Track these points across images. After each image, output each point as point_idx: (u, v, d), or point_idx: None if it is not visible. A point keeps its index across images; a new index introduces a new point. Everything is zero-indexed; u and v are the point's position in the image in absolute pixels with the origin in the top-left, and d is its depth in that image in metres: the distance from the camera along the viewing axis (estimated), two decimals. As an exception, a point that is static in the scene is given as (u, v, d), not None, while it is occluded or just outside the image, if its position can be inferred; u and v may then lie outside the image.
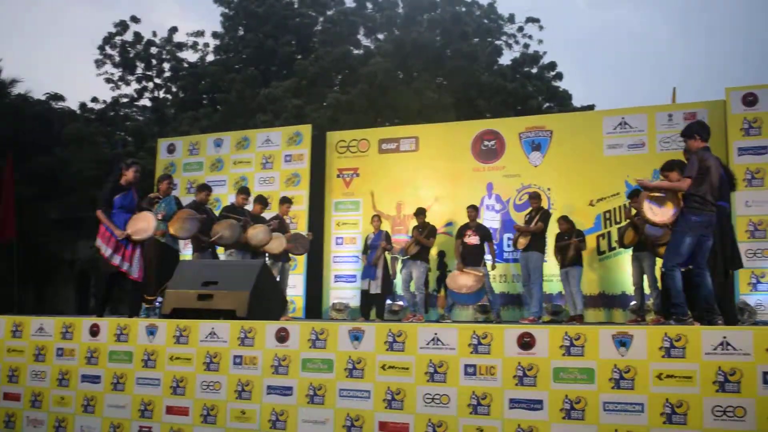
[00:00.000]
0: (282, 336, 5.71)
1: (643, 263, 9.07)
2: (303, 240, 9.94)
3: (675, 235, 6.21)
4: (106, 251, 7.75)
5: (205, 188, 9.41)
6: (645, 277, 9.10)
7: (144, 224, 7.76)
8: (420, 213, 10.37)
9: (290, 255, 9.97)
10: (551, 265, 9.99)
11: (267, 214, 10.01)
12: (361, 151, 12.02)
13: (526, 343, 4.99)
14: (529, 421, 4.88)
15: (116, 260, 7.66)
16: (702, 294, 6.19)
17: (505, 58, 23.69)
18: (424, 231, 10.21)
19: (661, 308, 8.26)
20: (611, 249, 10.30)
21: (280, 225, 9.83)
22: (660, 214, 6.23)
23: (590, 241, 10.17)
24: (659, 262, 8.95)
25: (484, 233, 10.00)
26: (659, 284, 8.89)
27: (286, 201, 10.19)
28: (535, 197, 9.90)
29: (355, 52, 21.95)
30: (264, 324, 5.84)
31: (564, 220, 9.83)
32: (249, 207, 9.75)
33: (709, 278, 6.25)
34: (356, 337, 5.47)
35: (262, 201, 9.99)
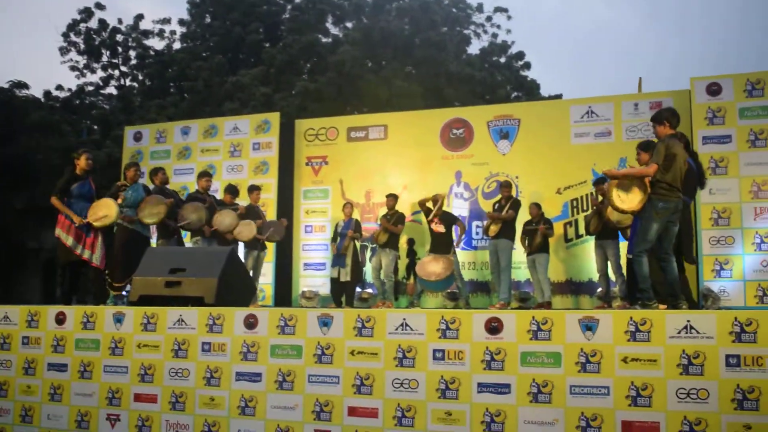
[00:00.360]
0: (251, 322, 5.70)
1: (607, 250, 9.21)
2: (279, 227, 9.93)
3: (642, 222, 6.29)
4: (68, 240, 7.70)
5: (158, 170, 9.22)
6: (609, 263, 9.24)
7: (105, 210, 7.73)
8: (391, 197, 10.42)
9: (265, 243, 9.95)
10: (518, 252, 10.07)
11: (239, 203, 9.95)
12: (330, 140, 12.00)
13: (493, 327, 5.03)
14: (497, 405, 4.93)
15: (78, 249, 7.62)
16: (667, 279, 6.30)
17: (474, 48, 23.78)
18: (393, 218, 10.25)
19: (627, 294, 8.39)
20: (578, 236, 10.42)
21: (254, 213, 9.81)
22: (628, 201, 6.30)
23: (557, 228, 10.27)
24: (623, 248, 9.14)
25: (450, 220, 10.06)
26: (624, 270, 9.07)
27: (255, 189, 10.16)
28: (506, 186, 9.97)
29: (324, 40, 21.86)
30: (233, 311, 5.82)
31: (535, 206, 9.92)
32: (217, 195, 9.69)
33: (675, 264, 6.36)
34: (325, 323, 5.47)
35: (232, 191, 9.94)
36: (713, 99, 9.63)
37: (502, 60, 23.77)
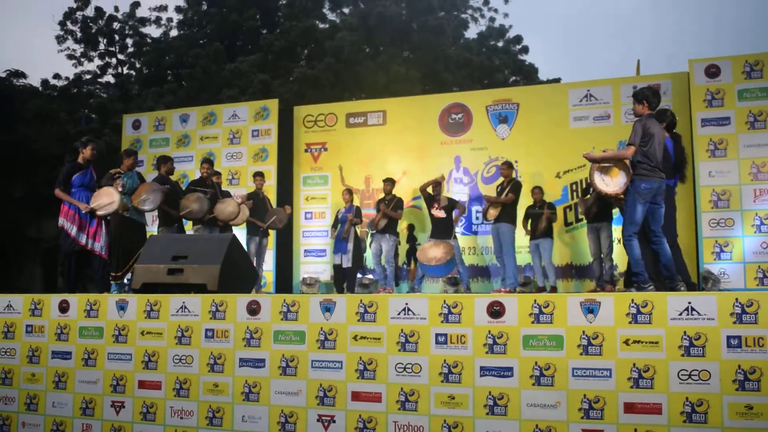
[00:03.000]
0: (253, 309, 5.72)
1: (601, 233, 9.24)
2: (282, 214, 9.98)
3: (627, 204, 6.32)
4: (72, 229, 7.72)
5: (168, 159, 9.21)
6: (602, 247, 9.28)
7: (107, 199, 7.72)
8: (388, 182, 10.42)
9: (268, 231, 9.98)
10: (519, 236, 10.08)
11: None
12: (329, 126, 11.99)
13: (495, 311, 5.06)
14: (500, 388, 4.96)
15: (82, 239, 7.63)
16: (662, 261, 6.32)
17: (471, 32, 23.68)
18: (391, 203, 10.26)
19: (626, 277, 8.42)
20: (578, 220, 10.42)
21: (258, 199, 9.87)
22: (612, 184, 6.31)
23: (558, 212, 10.28)
24: (615, 232, 9.19)
25: (451, 205, 10.06)
26: (613, 255, 9.14)
27: (258, 175, 10.19)
28: (506, 166, 9.92)
29: (321, 26, 21.75)
30: (235, 297, 5.84)
31: (538, 190, 9.92)
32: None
33: (667, 246, 6.37)
34: (327, 308, 5.50)
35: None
36: (712, 81, 9.62)
37: (500, 44, 23.70)
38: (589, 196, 9.29)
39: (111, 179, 8.23)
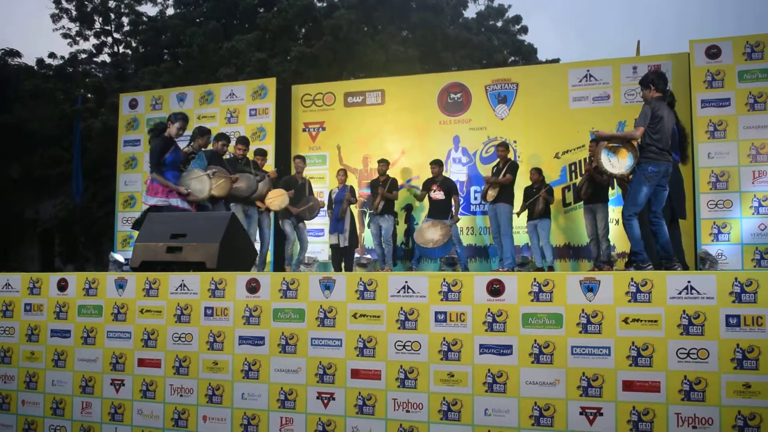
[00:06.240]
0: (253, 287, 5.72)
1: (597, 214, 9.28)
2: (315, 207, 10.21)
3: (632, 185, 6.33)
4: (185, 206, 7.51)
5: (223, 137, 8.98)
6: (598, 227, 9.32)
7: (198, 185, 7.59)
8: (383, 163, 10.42)
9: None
10: (517, 217, 10.09)
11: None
12: (327, 105, 11.96)
13: (495, 289, 5.06)
14: (499, 366, 4.97)
15: None
16: (659, 242, 6.34)
17: (470, 11, 23.58)
18: (387, 184, 10.28)
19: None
20: (577, 201, 10.43)
21: (300, 186, 10.22)
22: (618, 165, 6.32)
23: (556, 193, 10.33)
24: (611, 213, 9.23)
25: (450, 187, 10.07)
26: (609, 235, 9.19)
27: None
28: (502, 146, 9.96)
29: (319, 4, 21.61)
30: (234, 275, 5.84)
31: (536, 171, 9.94)
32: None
33: (665, 227, 6.39)
34: (327, 286, 5.50)
35: (260, 151, 10.03)
36: (712, 62, 9.59)
37: (499, 24, 23.60)
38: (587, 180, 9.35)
39: (186, 159, 7.97)
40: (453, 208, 10.10)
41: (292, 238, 10.00)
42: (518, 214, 9.93)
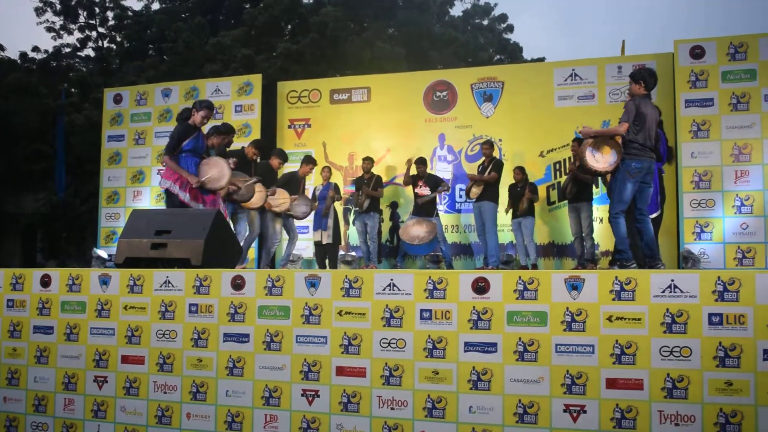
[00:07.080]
0: (238, 284, 5.70)
1: (581, 213, 9.32)
2: (307, 203, 9.97)
3: (617, 183, 6.36)
4: (185, 197, 7.28)
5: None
6: (582, 226, 9.37)
7: (216, 172, 7.30)
8: (367, 160, 10.43)
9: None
10: (502, 215, 10.13)
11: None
12: (313, 102, 11.95)
13: (480, 287, 5.07)
14: (484, 363, 4.98)
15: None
16: (644, 239, 6.38)
17: (457, 10, 23.66)
18: (371, 183, 10.29)
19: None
20: (561, 199, 10.48)
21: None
22: (602, 161, 6.36)
23: (540, 191, 10.35)
24: (595, 212, 9.27)
25: (435, 183, 10.09)
26: (593, 233, 9.24)
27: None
28: (487, 145, 10.01)
29: (305, 1, 21.59)
30: (219, 272, 5.81)
31: (519, 170, 9.98)
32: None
33: (651, 224, 6.43)
34: (312, 283, 5.49)
35: (283, 156, 9.84)
36: (696, 62, 9.66)
37: (485, 22, 23.65)
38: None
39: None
40: (439, 190, 10.12)
41: (281, 235, 9.88)
42: (506, 211, 9.98)
